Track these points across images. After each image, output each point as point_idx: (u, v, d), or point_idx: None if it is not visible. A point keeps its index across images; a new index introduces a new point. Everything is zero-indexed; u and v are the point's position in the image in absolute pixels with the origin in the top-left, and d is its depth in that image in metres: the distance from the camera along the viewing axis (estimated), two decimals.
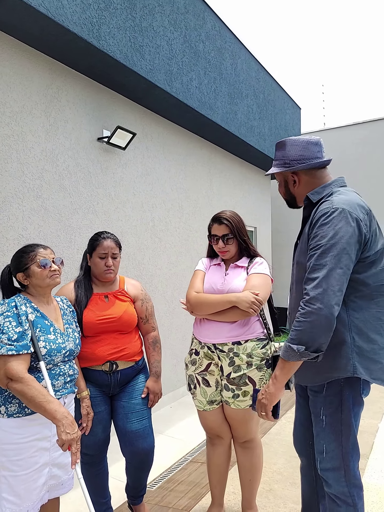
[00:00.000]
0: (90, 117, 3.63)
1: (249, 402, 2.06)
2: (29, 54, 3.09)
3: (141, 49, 3.67)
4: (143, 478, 2.23)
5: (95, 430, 2.07)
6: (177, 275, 4.79)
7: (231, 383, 2.08)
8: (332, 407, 1.61)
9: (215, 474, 2.29)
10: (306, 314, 1.46)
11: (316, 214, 1.58)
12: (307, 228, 1.63)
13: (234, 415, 2.13)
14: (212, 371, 2.15)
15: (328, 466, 1.64)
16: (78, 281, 2.15)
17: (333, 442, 1.62)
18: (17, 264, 1.79)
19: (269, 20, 21.70)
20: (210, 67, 4.80)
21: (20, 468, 1.65)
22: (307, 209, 1.69)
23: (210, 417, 2.19)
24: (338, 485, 1.62)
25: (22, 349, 1.61)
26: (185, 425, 3.93)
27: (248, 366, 2.05)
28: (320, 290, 1.45)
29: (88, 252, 2.17)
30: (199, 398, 2.18)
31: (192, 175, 5.13)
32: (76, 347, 1.86)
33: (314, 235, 1.54)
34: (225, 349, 2.08)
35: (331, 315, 1.44)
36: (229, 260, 2.24)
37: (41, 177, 3.18)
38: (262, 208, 7.19)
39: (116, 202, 3.91)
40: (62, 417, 1.55)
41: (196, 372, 2.18)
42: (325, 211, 1.53)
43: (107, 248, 2.10)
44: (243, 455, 2.22)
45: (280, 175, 1.77)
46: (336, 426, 1.61)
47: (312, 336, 1.45)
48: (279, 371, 1.57)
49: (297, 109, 7.73)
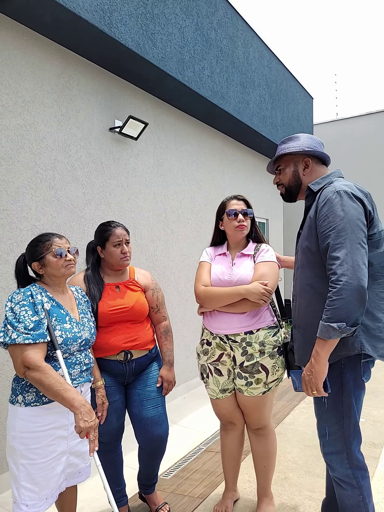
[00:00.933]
0: (102, 106, 3.60)
1: (262, 389, 2.07)
2: (41, 43, 3.07)
3: (153, 37, 3.63)
4: (156, 465, 2.26)
5: (109, 419, 2.08)
6: (190, 266, 4.77)
7: (244, 371, 2.08)
8: (334, 390, 1.64)
9: (229, 459, 2.32)
10: (338, 291, 1.48)
11: (321, 198, 1.65)
12: (311, 214, 1.70)
13: (247, 402, 2.14)
14: (224, 361, 2.15)
15: (331, 449, 1.69)
16: (88, 276, 2.11)
17: (335, 424, 1.67)
18: (32, 253, 1.78)
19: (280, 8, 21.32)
20: (222, 56, 4.73)
21: (38, 457, 1.66)
22: (309, 198, 1.78)
23: (223, 404, 2.21)
24: (342, 467, 1.67)
25: (39, 338, 1.60)
26: (198, 415, 3.94)
27: (260, 354, 2.06)
28: (346, 267, 1.48)
29: (99, 244, 2.13)
30: (212, 387, 2.19)
31: (204, 166, 5.08)
32: (91, 336, 1.86)
33: (323, 217, 1.59)
34: (238, 339, 2.07)
35: (361, 287, 1.47)
36: (234, 248, 2.21)
37: (53, 167, 3.17)
38: (274, 200, 7.11)
39: (129, 193, 3.89)
40: (80, 405, 1.55)
41: (208, 362, 2.18)
42: (330, 194, 1.61)
43: (120, 235, 2.10)
44: (257, 442, 2.23)
45: (290, 160, 1.84)
46: (337, 408, 1.65)
47: (349, 311, 1.48)
48: (320, 349, 1.55)
49: (310, 98, 7.61)
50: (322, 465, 2.76)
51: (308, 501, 2.36)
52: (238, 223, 2.13)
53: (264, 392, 2.08)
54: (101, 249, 2.13)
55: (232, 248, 2.23)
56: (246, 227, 2.16)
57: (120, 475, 2.25)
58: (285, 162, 1.86)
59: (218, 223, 2.26)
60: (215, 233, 2.31)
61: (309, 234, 1.68)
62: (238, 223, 2.13)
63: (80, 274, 2.15)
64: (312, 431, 3.27)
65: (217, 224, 2.26)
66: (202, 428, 3.61)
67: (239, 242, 2.21)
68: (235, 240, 2.20)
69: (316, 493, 2.43)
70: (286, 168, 1.85)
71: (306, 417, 3.61)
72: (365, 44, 22.32)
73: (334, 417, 1.66)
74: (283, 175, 1.87)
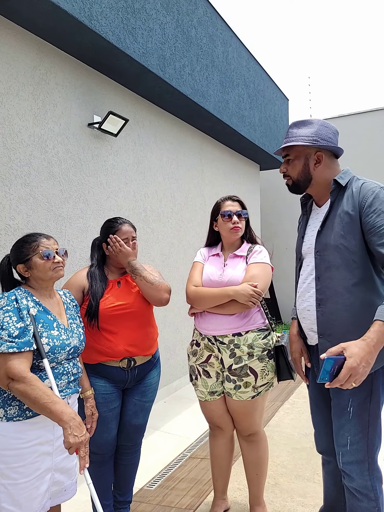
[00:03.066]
0: (80, 101, 3.45)
1: (251, 394, 2.02)
2: (16, 32, 2.90)
3: (134, 32, 3.51)
4: (131, 476, 2.22)
5: (110, 427, 2.01)
6: (170, 266, 4.68)
7: (233, 374, 2.04)
8: (361, 397, 1.56)
9: (217, 467, 2.26)
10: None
11: (363, 192, 1.55)
12: (349, 210, 1.57)
13: (236, 407, 2.08)
14: (212, 363, 2.11)
15: (351, 459, 1.59)
16: (92, 272, 2.02)
17: (359, 433, 1.57)
18: (18, 254, 1.64)
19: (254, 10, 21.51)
20: (202, 54, 4.66)
21: (20, 476, 1.52)
22: (334, 193, 1.64)
23: (211, 407, 2.16)
24: (361, 478, 1.58)
25: (24, 346, 1.47)
26: (181, 420, 3.84)
27: (249, 357, 2.01)
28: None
29: (105, 241, 2.05)
30: (201, 388, 2.16)
31: (184, 164, 5.00)
32: (80, 343, 1.73)
33: (378, 212, 1.48)
34: (226, 341, 2.03)
35: None
36: (228, 249, 2.18)
37: (29, 163, 3.01)
38: (252, 199, 7.12)
39: (108, 191, 3.76)
40: (69, 418, 1.43)
41: (197, 363, 2.15)
42: (377, 188, 1.54)
43: (127, 233, 2.03)
44: (248, 450, 2.17)
45: (301, 152, 1.67)
46: (363, 416, 1.57)
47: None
48: (379, 341, 1.33)
49: (285, 100, 7.67)
50: (312, 468, 2.73)
51: (301, 508, 2.31)
52: (232, 224, 2.09)
53: (253, 396, 2.03)
54: (106, 245, 2.05)
55: (225, 249, 2.20)
56: (241, 228, 2.12)
57: (109, 489, 2.14)
58: (294, 152, 1.68)
59: (212, 223, 2.21)
60: (210, 233, 2.26)
61: (346, 231, 1.55)
62: (232, 224, 2.09)
63: (84, 270, 2.06)
64: (299, 433, 3.24)
65: (212, 225, 2.21)
66: (186, 433, 3.51)
67: (233, 243, 2.17)
68: (229, 241, 2.17)
69: (308, 498, 2.39)
70: (295, 160, 1.67)
71: (291, 418, 3.59)
72: (338, 47, 22.95)
73: (359, 426, 1.57)
74: (291, 167, 1.70)
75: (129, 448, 2.15)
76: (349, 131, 8.64)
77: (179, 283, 4.80)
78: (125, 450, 2.15)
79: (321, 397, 1.78)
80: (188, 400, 4.30)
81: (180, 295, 4.79)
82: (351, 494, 1.61)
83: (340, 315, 1.58)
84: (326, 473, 1.90)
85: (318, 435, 1.86)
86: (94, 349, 1.94)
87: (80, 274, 2.04)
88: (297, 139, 1.65)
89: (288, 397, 4.14)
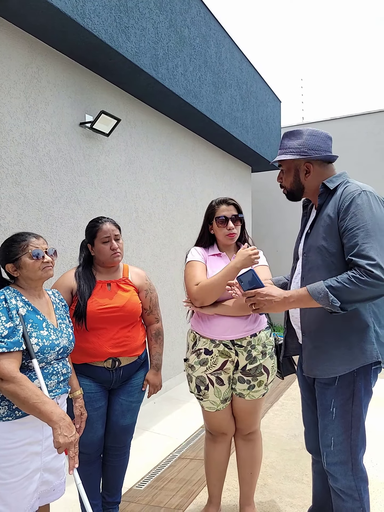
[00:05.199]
0: (72, 100, 3.44)
1: (263, 391, 2.05)
2: (7, 29, 2.87)
3: (127, 31, 3.51)
4: (120, 477, 2.21)
5: (95, 426, 2.01)
6: (161, 267, 4.67)
7: (247, 375, 2.03)
8: (344, 399, 1.59)
9: (215, 472, 2.21)
10: (364, 282, 1.42)
11: (343, 196, 1.58)
12: (331, 212, 1.60)
13: (245, 407, 2.08)
14: (227, 369, 2.04)
15: (335, 460, 1.62)
16: (79, 272, 2.02)
17: (342, 434, 1.60)
18: (7, 254, 1.62)
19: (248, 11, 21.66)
20: (195, 54, 4.67)
21: (9, 476, 1.51)
22: (323, 196, 1.68)
23: (221, 415, 2.10)
24: (345, 479, 1.60)
25: (13, 346, 1.46)
26: (170, 421, 3.83)
27: (263, 355, 2.03)
28: (378, 268, 1.42)
29: (88, 241, 2.05)
30: (212, 398, 2.05)
31: (176, 165, 5.00)
32: (70, 343, 1.73)
33: (351, 215, 1.52)
34: (244, 343, 2.01)
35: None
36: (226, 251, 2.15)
37: (20, 162, 2.99)
38: (243, 200, 7.13)
39: (99, 191, 3.74)
40: (59, 418, 1.43)
41: (208, 372, 2.04)
42: (356, 192, 1.55)
43: (108, 231, 2.01)
44: (244, 448, 2.17)
45: (291, 164, 1.73)
46: (346, 417, 1.59)
47: (354, 300, 1.46)
48: (297, 300, 1.53)
49: (278, 102, 7.70)
50: (301, 469, 2.74)
51: (290, 508, 2.32)
52: (228, 231, 2.06)
53: (263, 394, 2.07)
54: (91, 246, 2.05)
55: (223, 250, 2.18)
56: (236, 234, 2.10)
57: (98, 488, 2.14)
58: (286, 164, 1.76)
59: (207, 226, 2.17)
60: (205, 235, 2.20)
61: (327, 233, 1.59)
62: (228, 231, 2.06)
63: (71, 271, 2.06)
64: (288, 434, 3.26)
65: (207, 227, 2.17)
66: (175, 434, 3.51)
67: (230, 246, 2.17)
68: (225, 245, 2.15)
69: (296, 499, 2.40)
70: (287, 172, 1.75)
71: (280, 419, 3.60)
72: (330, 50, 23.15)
73: (342, 426, 1.60)
74: (285, 177, 1.77)
75: (118, 449, 2.14)
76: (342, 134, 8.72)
77: (169, 284, 4.80)
78: (114, 452, 2.14)
79: (311, 396, 1.80)
80: (177, 401, 4.30)
81: (171, 297, 4.79)
82: (336, 495, 1.64)
83: (318, 314, 1.63)
84: (315, 472, 1.92)
85: (308, 433, 1.88)
86: (80, 349, 1.95)
87: (68, 275, 2.04)
88: (286, 151, 1.71)
89: (277, 398, 4.16)
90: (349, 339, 1.56)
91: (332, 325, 1.58)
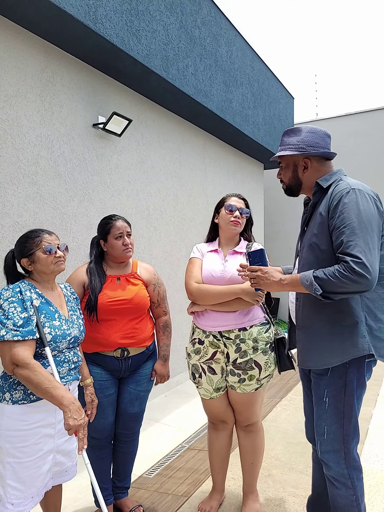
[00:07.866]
0: (85, 102, 3.56)
1: (255, 386, 2.08)
2: (24, 37, 3.01)
3: (138, 34, 3.60)
4: (129, 463, 2.32)
5: (106, 412, 2.12)
6: (172, 264, 4.77)
7: (237, 368, 2.08)
8: (336, 389, 1.64)
9: (218, 460, 2.30)
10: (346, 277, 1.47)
11: (333, 194, 1.62)
12: (322, 210, 1.66)
13: (239, 399, 2.14)
14: (218, 359, 2.14)
15: (328, 448, 1.68)
16: (90, 268, 2.14)
17: (334, 424, 1.66)
18: (22, 249, 1.75)
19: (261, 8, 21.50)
20: (206, 54, 4.74)
21: (24, 455, 1.64)
22: (317, 194, 1.73)
23: (216, 403, 2.19)
24: (338, 467, 1.66)
25: (28, 335, 1.58)
26: (180, 413, 3.95)
27: (254, 351, 2.07)
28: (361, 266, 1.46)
29: (101, 237, 2.17)
30: (205, 386, 2.17)
31: (187, 163, 5.09)
32: (80, 334, 1.84)
33: (338, 213, 1.57)
34: (232, 336, 2.08)
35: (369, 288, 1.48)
36: (226, 245, 2.22)
37: (36, 163, 3.12)
38: (255, 198, 7.18)
39: (112, 190, 3.86)
40: (69, 403, 1.54)
41: (201, 361, 2.16)
42: (345, 191, 1.59)
43: (121, 228, 2.13)
44: (245, 439, 2.23)
45: (290, 159, 1.78)
46: (338, 407, 1.65)
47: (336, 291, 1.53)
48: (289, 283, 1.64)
49: (291, 98, 7.71)
50: (305, 461, 2.81)
51: (292, 498, 2.40)
52: (234, 218, 2.14)
53: (256, 388, 2.09)
54: (103, 242, 2.16)
55: (223, 245, 2.23)
56: (240, 224, 2.17)
57: (108, 472, 2.25)
58: (285, 160, 1.80)
59: (214, 216, 2.26)
60: (211, 228, 2.31)
61: (319, 231, 1.64)
62: (234, 218, 2.14)
63: (83, 267, 2.18)
64: (294, 428, 3.33)
65: (213, 218, 2.26)
66: (184, 426, 3.62)
67: (231, 238, 2.21)
68: (227, 235, 2.21)
69: (299, 489, 2.48)
70: (286, 168, 1.80)
71: (288, 414, 3.67)
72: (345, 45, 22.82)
73: (334, 416, 1.65)
74: (284, 173, 1.82)
75: (127, 436, 2.26)
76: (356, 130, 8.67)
77: (180, 281, 4.90)
78: (123, 438, 2.25)
79: (310, 386, 1.86)
80: (187, 394, 4.42)
81: (182, 292, 4.88)
82: (331, 483, 1.70)
83: (311, 309, 1.70)
84: (314, 461, 1.98)
85: (308, 422, 1.94)
86: (91, 339, 2.07)
87: (80, 270, 2.16)
88: (285, 148, 1.77)
89: (286, 394, 4.22)
90: (341, 333, 1.61)
91: (324, 319, 1.64)
